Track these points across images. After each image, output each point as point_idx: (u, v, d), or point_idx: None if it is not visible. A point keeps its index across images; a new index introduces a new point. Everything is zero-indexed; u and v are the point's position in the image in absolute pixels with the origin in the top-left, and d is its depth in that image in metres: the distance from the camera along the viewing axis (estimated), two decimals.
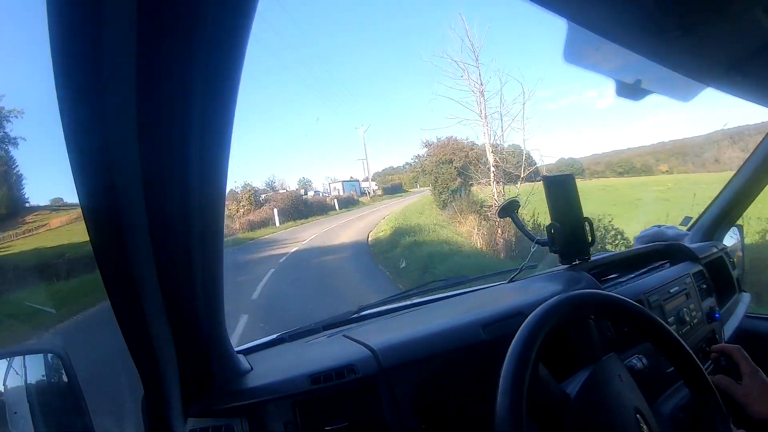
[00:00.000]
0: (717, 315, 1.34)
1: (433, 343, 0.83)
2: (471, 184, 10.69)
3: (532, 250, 1.18)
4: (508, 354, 0.63)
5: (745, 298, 1.66)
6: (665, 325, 0.79)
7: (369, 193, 27.20)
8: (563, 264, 1.20)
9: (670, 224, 1.67)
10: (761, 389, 0.79)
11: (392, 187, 28.89)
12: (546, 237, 1.17)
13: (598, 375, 0.68)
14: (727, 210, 1.63)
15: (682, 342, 0.76)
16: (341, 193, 25.85)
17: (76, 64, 0.40)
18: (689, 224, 1.69)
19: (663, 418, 0.90)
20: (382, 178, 32.20)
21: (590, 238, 1.20)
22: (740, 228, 1.74)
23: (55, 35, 0.38)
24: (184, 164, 0.49)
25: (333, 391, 0.74)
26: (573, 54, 1.10)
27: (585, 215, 1.16)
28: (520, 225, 1.22)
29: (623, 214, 8.22)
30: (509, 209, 1.21)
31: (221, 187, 0.55)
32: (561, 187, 1.17)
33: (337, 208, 22.13)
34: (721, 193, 1.64)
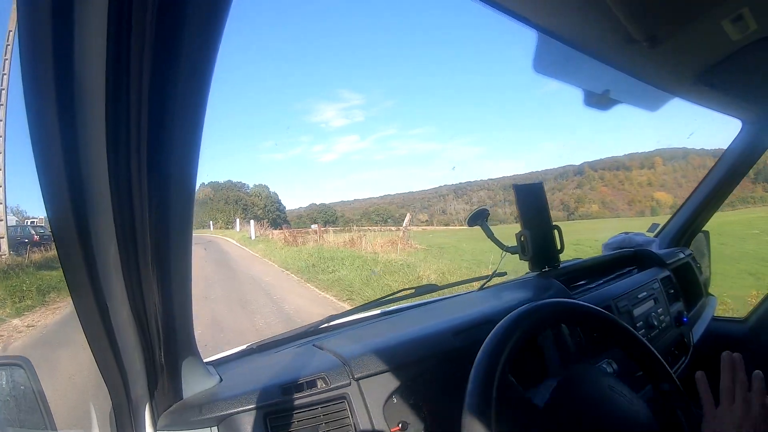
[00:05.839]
0: (685, 319, 1.38)
1: (404, 351, 0.84)
2: None
3: (502, 258, 1.20)
4: (475, 363, 0.64)
5: (712, 301, 1.71)
6: (633, 330, 0.81)
7: None
8: (533, 271, 1.22)
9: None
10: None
11: None
12: (516, 245, 1.20)
13: (569, 385, 0.69)
14: (694, 217, 1.68)
15: (650, 346, 0.78)
16: None
17: (44, 66, 0.40)
18: (656, 231, 1.74)
19: None
20: None
21: (559, 246, 1.23)
22: (706, 234, 1.80)
23: (24, 35, 0.38)
24: (153, 170, 0.49)
25: (305, 402, 0.74)
26: (543, 65, 1.13)
27: None
28: (489, 233, 1.23)
29: None
30: (478, 217, 1.23)
31: (190, 192, 0.54)
32: (531, 195, 1.20)
33: None
34: (687, 201, 1.70)
